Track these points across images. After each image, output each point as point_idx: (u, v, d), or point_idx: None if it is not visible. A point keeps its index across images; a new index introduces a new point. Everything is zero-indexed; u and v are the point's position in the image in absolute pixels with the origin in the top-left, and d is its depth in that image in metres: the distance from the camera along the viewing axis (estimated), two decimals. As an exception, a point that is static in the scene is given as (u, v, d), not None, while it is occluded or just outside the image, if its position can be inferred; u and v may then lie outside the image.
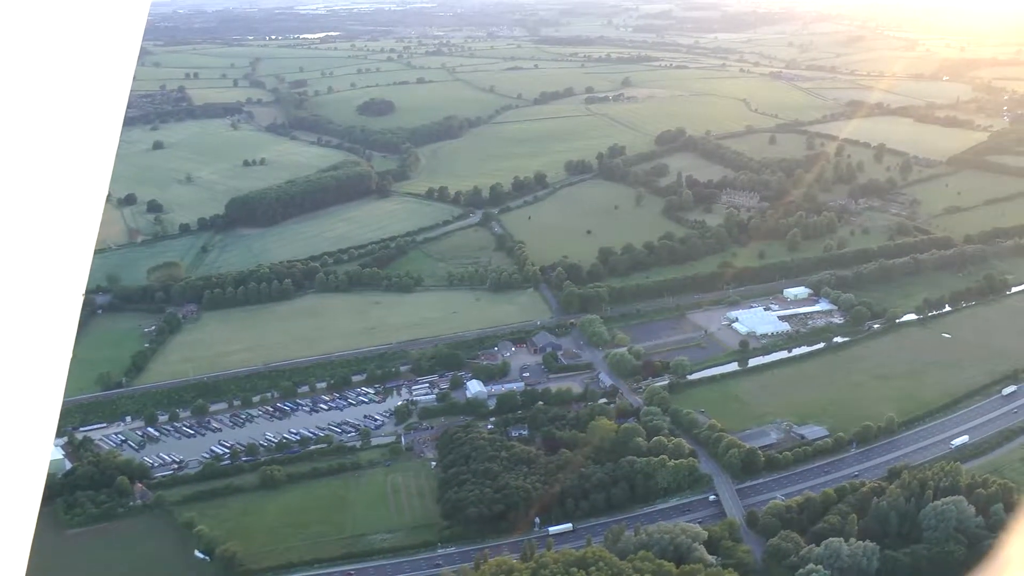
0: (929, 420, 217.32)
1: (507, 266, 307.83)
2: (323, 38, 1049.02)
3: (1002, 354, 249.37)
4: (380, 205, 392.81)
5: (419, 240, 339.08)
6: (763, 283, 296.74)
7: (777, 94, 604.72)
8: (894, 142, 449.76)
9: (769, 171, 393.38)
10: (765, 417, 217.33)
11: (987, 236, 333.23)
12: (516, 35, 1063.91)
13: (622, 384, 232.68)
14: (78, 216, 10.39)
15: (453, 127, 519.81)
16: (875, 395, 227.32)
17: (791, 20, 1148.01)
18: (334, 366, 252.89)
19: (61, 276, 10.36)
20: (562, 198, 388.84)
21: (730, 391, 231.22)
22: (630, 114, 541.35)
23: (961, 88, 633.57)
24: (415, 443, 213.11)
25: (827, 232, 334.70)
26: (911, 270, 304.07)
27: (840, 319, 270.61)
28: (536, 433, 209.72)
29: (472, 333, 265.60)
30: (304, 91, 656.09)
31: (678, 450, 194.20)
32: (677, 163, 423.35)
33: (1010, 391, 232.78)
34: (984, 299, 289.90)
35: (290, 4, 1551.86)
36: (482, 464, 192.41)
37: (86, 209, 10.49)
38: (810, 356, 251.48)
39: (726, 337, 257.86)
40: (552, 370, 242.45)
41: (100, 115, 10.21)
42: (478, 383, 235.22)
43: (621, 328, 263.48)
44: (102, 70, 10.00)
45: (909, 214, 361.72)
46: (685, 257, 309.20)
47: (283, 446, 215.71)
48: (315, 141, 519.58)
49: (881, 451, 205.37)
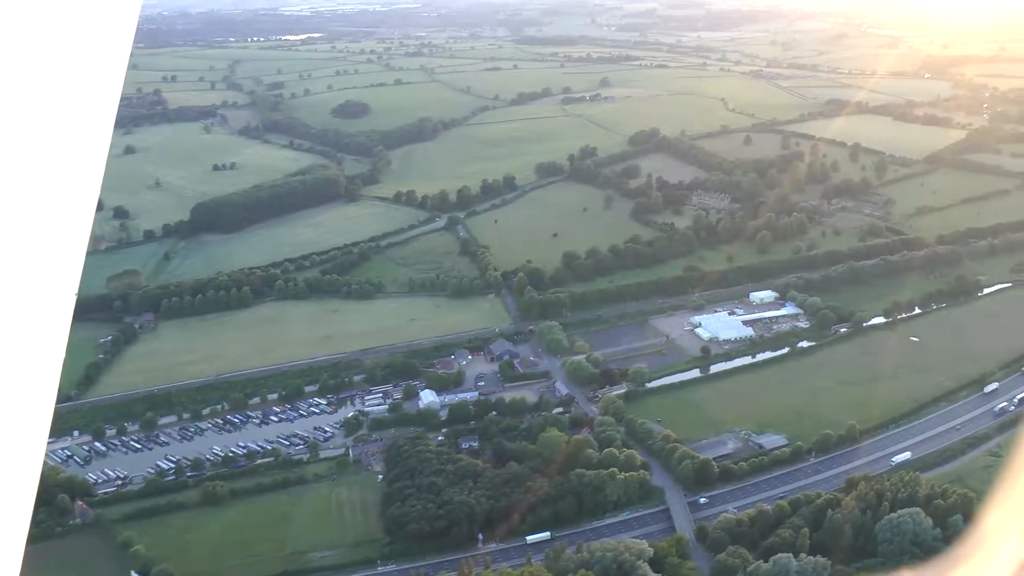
0: (892, 427, 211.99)
1: (470, 271, 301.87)
2: (305, 40, 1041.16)
3: (971, 358, 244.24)
4: (347, 210, 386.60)
5: (383, 245, 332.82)
6: (730, 287, 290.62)
7: (756, 93, 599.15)
8: (871, 141, 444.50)
9: (741, 172, 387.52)
10: (723, 426, 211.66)
11: (961, 236, 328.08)
12: (499, 35, 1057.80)
13: (578, 393, 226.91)
14: (71, 215, 10.34)
15: (427, 129, 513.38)
16: (838, 401, 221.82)
17: (776, 18, 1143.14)
18: (287, 376, 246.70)
19: (54, 275, 10.29)
20: (531, 201, 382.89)
21: (689, 399, 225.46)
22: (606, 114, 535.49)
23: (942, 86, 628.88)
24: (363, 456, 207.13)
25: (798, 234, 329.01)
26: (881, 272, 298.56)
27: (806, 323, 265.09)
28: (487, 445, 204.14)
29: (429, 341, 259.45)
30: (280, 94, 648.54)
31: (629, 462, 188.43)
32: (650, 164, 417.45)
33: (992, 388, 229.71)
34: (955, 301, 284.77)
35: (274, 5, 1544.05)
36: (427, 478, 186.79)
37: (79, 208, 10.49)
38: (773, 362, 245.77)
39: (688, 343, 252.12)
40: (508, 379, 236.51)
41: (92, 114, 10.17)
42: (431, 393, 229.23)
43: (581, 335, 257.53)
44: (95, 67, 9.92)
45: (882, 214, 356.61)
46: (651, 261, 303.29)
47: (229, 460, 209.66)
48: (287, 144, 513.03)
49: (841, 460, 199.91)
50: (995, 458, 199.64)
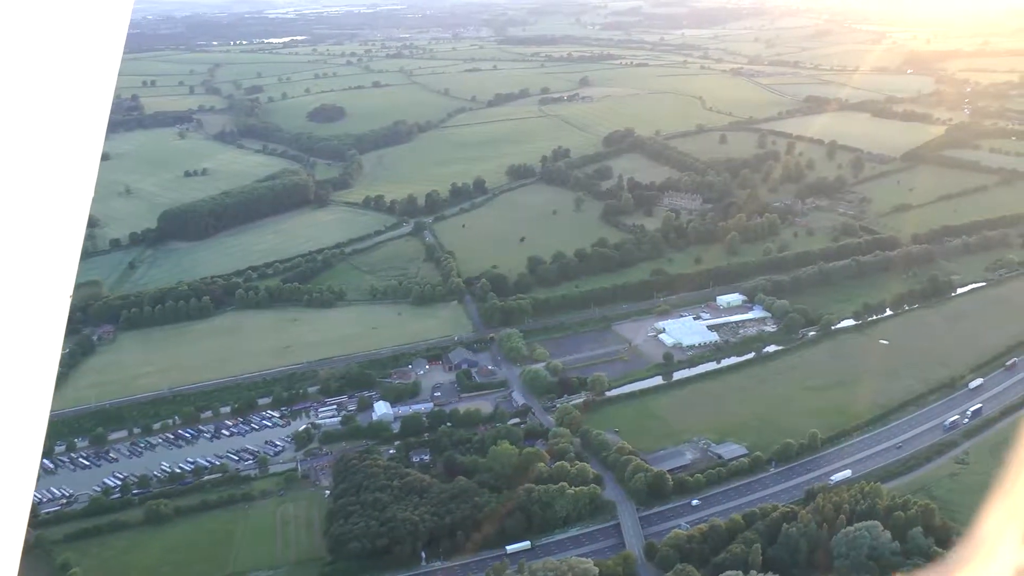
0: (857, 435, 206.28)
1: (435, 278, 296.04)
2: (288, 43, 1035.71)
3: (941, 361, 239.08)
4: (315, 215, 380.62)
5: (348, 252, 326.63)
6: (697, 290, 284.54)
7: (735, 91, 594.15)
8: (849, 138, 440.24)
9: (714, 172, 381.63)
10: (683, 435, 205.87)
11: (935, 235, 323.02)
12: (482, 36, 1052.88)
13: (535, 403, 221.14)
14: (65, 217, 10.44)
15: (401, 132, 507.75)
16: (803, 408, 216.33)
17: (760, 15, 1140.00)
18: (241, 389, 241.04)
19: (49, 277, 10.44)
20: (501, 204, 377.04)
21: (649, 408, 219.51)
22: (583, 115, 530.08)
23: (925, 81, 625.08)
24: (311, 471, 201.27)
25: (769, 234, 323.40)
26: (853, 273, 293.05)
27: (773, 327, 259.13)
28: (438, 458, 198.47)
29: (388, 350, 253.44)
30: (256, 98, 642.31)
31: (581, 475, 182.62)
32: (623, 165, 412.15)
33: (977, 384, 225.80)
34: (927, 302, 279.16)
35: (260, 8, 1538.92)
36: (372, 494, 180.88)
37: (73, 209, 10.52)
38: (738, 368, 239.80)
39: (651, 349, 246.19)
40: (465, 389, 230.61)
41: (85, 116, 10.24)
42: (385, 404, 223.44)
43: (542, 342, 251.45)
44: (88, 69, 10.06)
45: (857, 213, 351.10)
46: (618, 264, 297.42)
47: (176, 477, 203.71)
48: (261, 149, 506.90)
49: (802, 470, 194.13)
50: (962, 466, 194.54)
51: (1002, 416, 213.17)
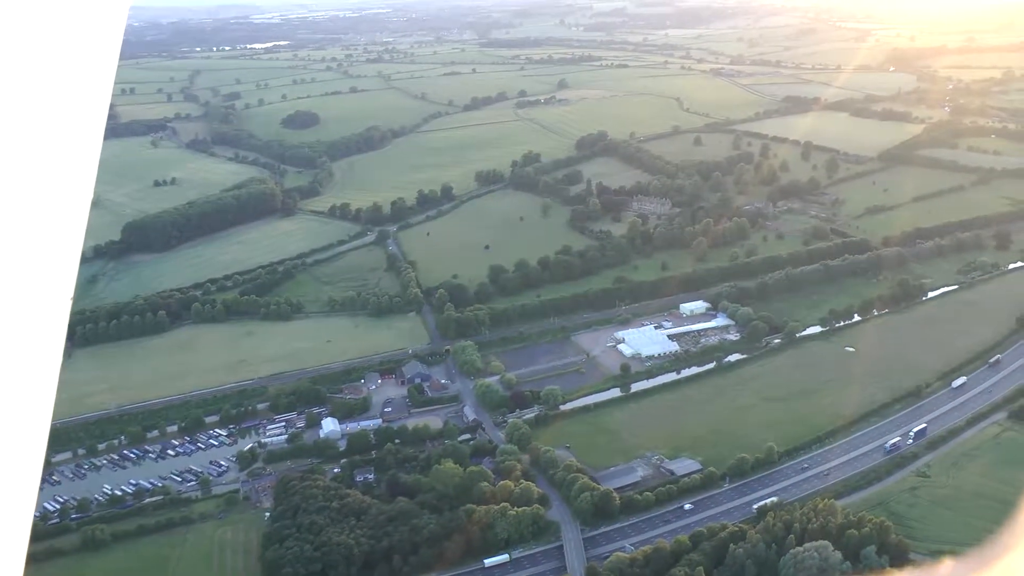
0: (817, 447, 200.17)
1: (395, 288, 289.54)
2: (270, 48, 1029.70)
3: (908, 369, 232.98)
4: (280, 225, 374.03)
5: (309, 262, 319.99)
6: (660, 298, 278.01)
7: (713, 92, 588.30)
8: (826, 138, 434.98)
9: (685, 175, 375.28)
10: (636, 450, 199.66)
11: (908, 237, 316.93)
12: (465, 39, 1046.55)
13: (487, 418, 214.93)
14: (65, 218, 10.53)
15: (374, 138, 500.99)
16: (762, 420, 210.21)
17: (745, 14, 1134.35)
18: (190, 406, 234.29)
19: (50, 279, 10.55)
20: (467, 211, 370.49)
21: (603, 422, 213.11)
22: (558, 118, 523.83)
23: (907, 79, 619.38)
24: (253, 492, 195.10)
25: (738, 239, 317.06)
26: (821, 278, 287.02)
27: (736, 335, 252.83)
28: (382, 477, 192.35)
29: (341, 364, 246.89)
30: (231, 105, 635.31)
31: (525, 495, 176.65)
32: (594, 169, 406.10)
33: (960, 383, 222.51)
34: (896, 307, 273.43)
35: (246, 13, 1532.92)
36: (309, 517, 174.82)
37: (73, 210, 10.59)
38: (698, 378, 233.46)
39: (610, 360, 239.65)
40: (416, 404, 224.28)
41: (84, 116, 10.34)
42: (332, 421, 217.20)
43: (499, 354, 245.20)
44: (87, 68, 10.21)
45: (829, 216, 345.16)
46: (582, 272, 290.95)
47: (117, 500, 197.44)
48: (232, 157, 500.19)
49: (757, 486, 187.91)
50: (923, 479, 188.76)
51: (968, 425, 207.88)
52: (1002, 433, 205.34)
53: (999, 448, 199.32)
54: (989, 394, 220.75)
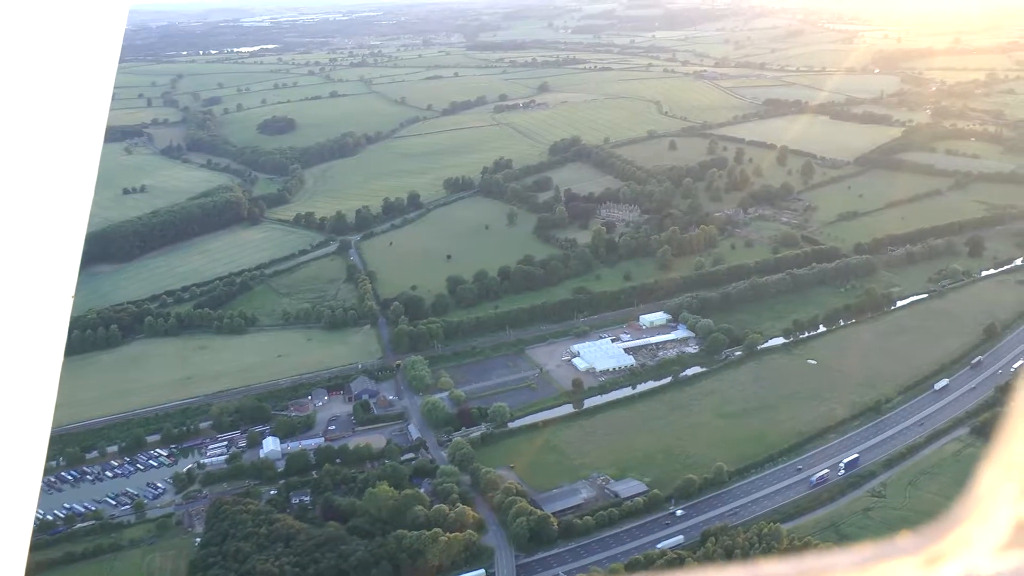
0: (769, 466, 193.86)
1: (352, 300, 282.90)
2: (257, 51, 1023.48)
3: (870, 382, 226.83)
4: (244, 234, 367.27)
5: (268, 273, 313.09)
6: (621, 309, 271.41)
7: (694, 95, 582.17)
8: (803, 142, 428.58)
9: (656, 181, 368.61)
10: (583, 471, 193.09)
11: (879, 244, 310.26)
12: (452, 42, 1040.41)
13: (431, 437, 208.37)
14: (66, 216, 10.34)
15: (348, 144, 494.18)
16: (715, 438, 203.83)
17: (734, 16, 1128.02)
18: (132, 425, 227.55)
19: (51, 278, 10.34)
20: (434, 220, 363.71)
21: (551, 440, 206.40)
22: (535, 122, 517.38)
23: (891, 81, 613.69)
24: (186, 516, 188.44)
25: (705, 247, 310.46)
26: (788, 287, 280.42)
27: (695, 348, 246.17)
28: (318, 500, 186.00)
29: (289, 380, 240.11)
30: (209, 110, 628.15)
31: (460, 519, 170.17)
32: (566, 175, 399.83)
33: (942, 385, 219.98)
34: (863, 317, 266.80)
35: (236, 17, 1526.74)
36: (236, 543, 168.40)
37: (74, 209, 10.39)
38: (653, 394, 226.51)
39: (563, 375, 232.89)
40: (361, 421, 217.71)
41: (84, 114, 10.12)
42: (273, 441, 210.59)
43: (451, 369, 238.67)
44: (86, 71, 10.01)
45: (801, 222, 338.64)
46: (543, 282, 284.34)
47: (47, 526, 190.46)
48: (205, 164, 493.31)
49: (705, 507, 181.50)
50: (878, 499, 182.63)
51: (928, 442, 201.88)
52: (963, 450, 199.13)
53: (958, 465, 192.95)
54: (957, 406, 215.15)
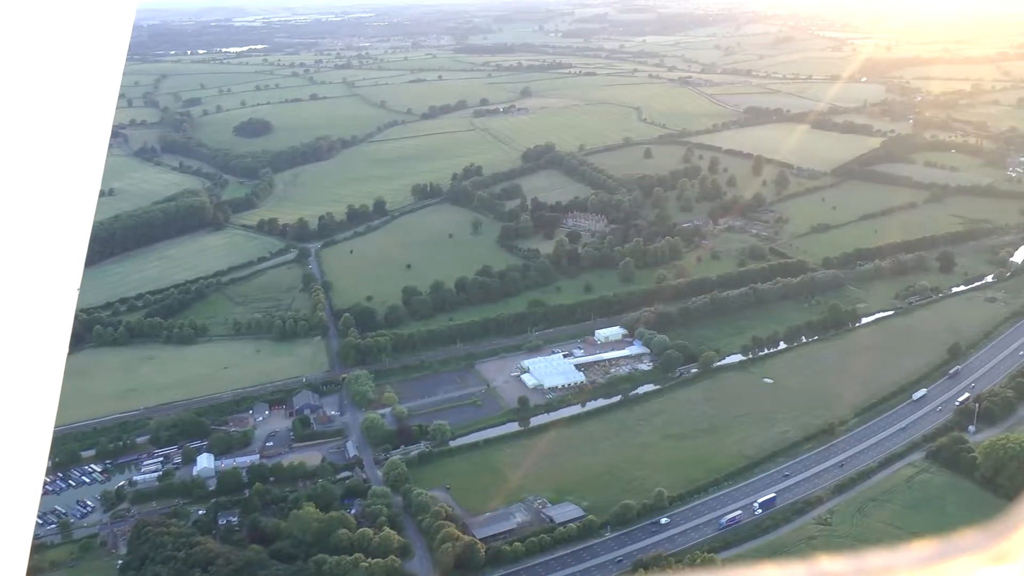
0: (714, 491, 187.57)
1: (307, 310, 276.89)
2: (245, 51, 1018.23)
3: (825, 403, 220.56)
4: (206, 240, 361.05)
5: (225, 281, 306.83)
6: (578, 322, 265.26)
7: (676, 101, 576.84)
8: (781, 151, 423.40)
9: (625, 190, 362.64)
10: (520, 493, 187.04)
11: (848, 258, 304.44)
12: (442, 44, 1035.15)
13: (369, 455, 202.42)
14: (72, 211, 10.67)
15: (322, 148, 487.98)
16: (661, 460, 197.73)
17: (725, 22, 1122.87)
18: (68, 440, 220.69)
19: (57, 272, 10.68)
20: (398, 227, 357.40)
21: (491, 460, 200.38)
22: (513, 128, 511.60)
23: (876, 89, 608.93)
24: (111, 536, 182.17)
25: (671, 259, 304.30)
26: (750, 302, 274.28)
27: (649, 365, 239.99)
28: (246, 521, 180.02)
29: (230, 394, 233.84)
30: (187, 112, 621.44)
31: (384, 544, 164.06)
32: (537, 183, 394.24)
33: (920, 395, 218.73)
34: (825, 334, 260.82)
35: (229, 16, 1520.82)
36: (154, 567, 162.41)
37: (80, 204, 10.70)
38: (601, 412, 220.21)
39: (511, 391, 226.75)
40: (299, 437, 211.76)
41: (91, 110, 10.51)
42: (208, 458, 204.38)
43: (398, 383, 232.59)
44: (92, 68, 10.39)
45: (771, 234, 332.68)
46: (502, 294, 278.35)
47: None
48: (177, 167, 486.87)
49: (641, 534, 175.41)
50: (824, 527, 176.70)
51: (881, 467, 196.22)
52: (916, 475, 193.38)
53: (910, 491, 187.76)
54: (913, 429, 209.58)
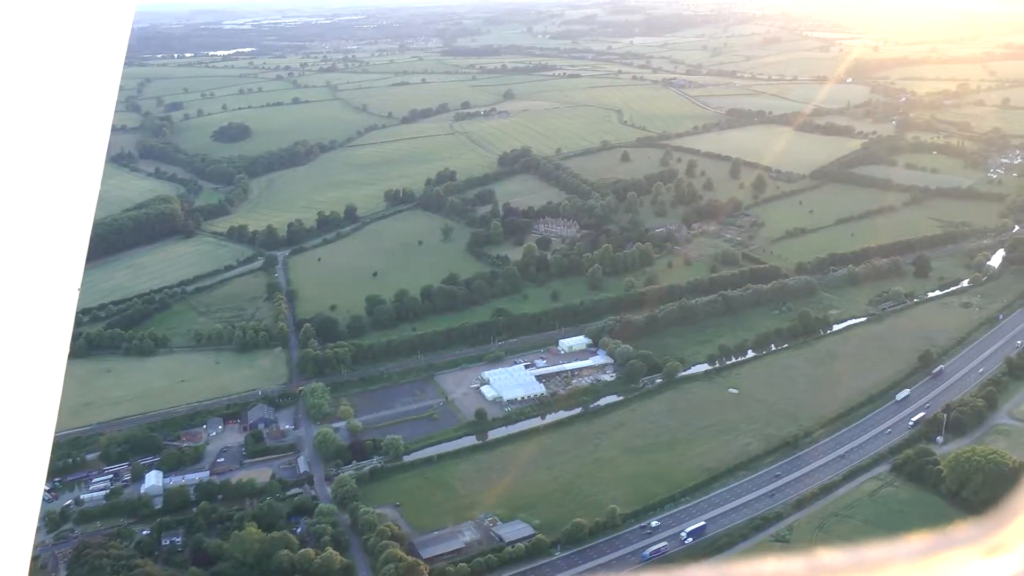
0: (670, 507, 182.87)
1: (269, 320, 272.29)
2: (232, 55, 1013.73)
3: (790, 413, 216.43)
4: (176, 248, 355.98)
5: (190, 291, 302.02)
6: (543, 331, 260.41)
7: (658, 103, 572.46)
8: (761, 154, 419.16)
9: (599, 194, 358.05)
10: (472, 510, 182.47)
11: (822, 264, 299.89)
12: (430, 46, 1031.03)
13: (319, 471, 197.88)
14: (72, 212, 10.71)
15: (300, 153, 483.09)
16: (618, 475, 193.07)
17: (714, 22, 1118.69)
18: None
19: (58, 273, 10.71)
20: (368, 234, 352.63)
21: (444, 476, 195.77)
22: (492, 131, 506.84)
23: (861, 90, 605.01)
24: (52, 559, 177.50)
25: (641, 265, 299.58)
26: (720, 310, 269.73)
27: (612, 375, 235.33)
28: (189, 541, 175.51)
29: (185, 408, 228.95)
30: (168, 116, 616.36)
31: (326, 566, 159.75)
32: (512, 187, 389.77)
33: (903, 395, 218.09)
34: (795, 342, 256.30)
35: (218, 19, 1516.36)
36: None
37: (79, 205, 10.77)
38: (561, 425, 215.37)
39: (470, 404, 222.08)
40: (251, 453, 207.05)
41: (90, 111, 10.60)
42: (156, 475, 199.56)
43: (357, 395, 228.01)
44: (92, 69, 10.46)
45: (745, 239, 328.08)
46: (468, 302, 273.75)
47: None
48: (153, 172, 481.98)
49: (593, 553, 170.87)
50: (780, 543, 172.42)
51: (845, 480, 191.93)
52: (880, 489, 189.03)
53: (873, 506, 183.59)
54: (879, 441, 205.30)
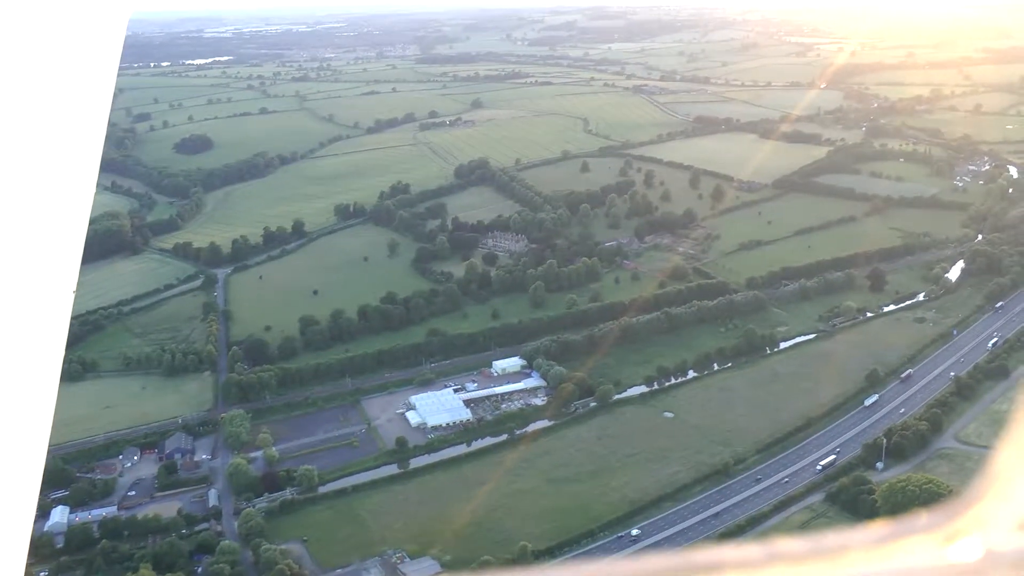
0: (586, 543, 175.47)
1: (202, 342, 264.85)
2: (210, 63, 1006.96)
3: (725, 440, 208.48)
4: (120, 266, 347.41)
5: (127, 311, 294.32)
6: (479, 352, 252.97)
7: (625, 111, 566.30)
8: (723, 163, 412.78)
9: (551, 207, 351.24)
10: (381, 546, 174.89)
11: (774, 278, 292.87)
12: (407, 54, 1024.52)
13: (229, 504, 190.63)
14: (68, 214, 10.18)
15: (259, 165, 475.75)
16: (537, 508, 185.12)
17: (693, 28, 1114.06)
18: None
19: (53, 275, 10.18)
20: (314, 250, 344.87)
21: (356, 509, 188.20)
22: (454, 141, 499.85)
23: (834, 96, 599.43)
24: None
25: (587, 281, 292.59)
26: (663, 328, 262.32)
27: (543, 399, 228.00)
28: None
29: (103, 437, 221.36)
30: (133, 128, 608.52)
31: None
32: (466, 200, 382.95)
33: (872, 400, 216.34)
34: (739, 361, 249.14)
35: (200, 27, 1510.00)
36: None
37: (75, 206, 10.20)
38: (485, 453, 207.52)
39: (393, 430, 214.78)
40: (162, 485, 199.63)
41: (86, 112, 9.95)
42: (62, 511, 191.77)
43: (279, 423, 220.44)
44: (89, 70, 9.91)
45: (698, 253, 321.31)
46: (405, 322, 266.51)
47: None
48: (108, 186, 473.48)
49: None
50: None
51: (775, 511, 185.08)
52: (811, 520, 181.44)
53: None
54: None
